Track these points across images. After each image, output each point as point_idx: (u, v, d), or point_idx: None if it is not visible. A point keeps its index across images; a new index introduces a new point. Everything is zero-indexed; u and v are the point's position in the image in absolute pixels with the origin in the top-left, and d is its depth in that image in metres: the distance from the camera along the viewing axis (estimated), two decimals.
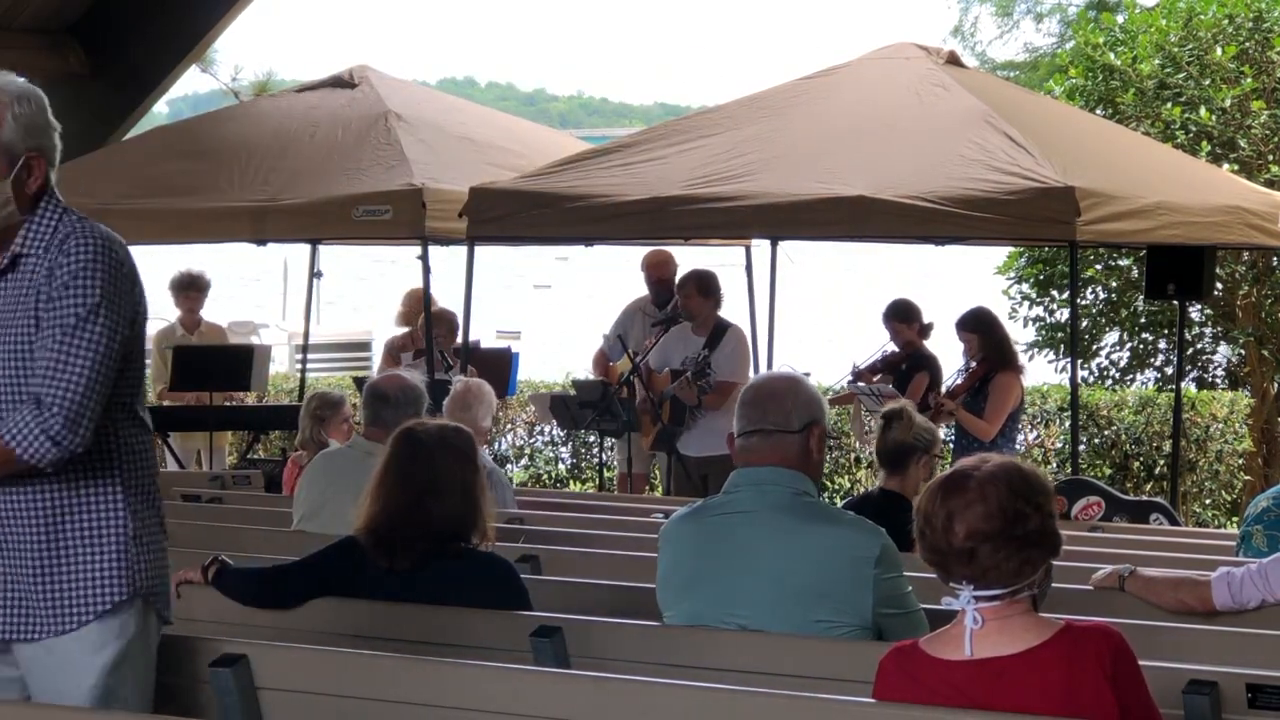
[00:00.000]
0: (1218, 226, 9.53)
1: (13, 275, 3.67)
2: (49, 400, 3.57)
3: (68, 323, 3.59)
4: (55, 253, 3.63)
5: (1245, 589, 4.66)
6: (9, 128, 3.64)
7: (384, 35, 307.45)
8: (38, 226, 3.68)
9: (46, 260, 3.63)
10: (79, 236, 3.62)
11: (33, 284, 3.63)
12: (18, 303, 3.64)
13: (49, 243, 3.66)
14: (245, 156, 10.79)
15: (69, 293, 3.59)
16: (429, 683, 3.96)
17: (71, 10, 12.32)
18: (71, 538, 3.70)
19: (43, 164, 3.69)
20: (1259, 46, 13.59)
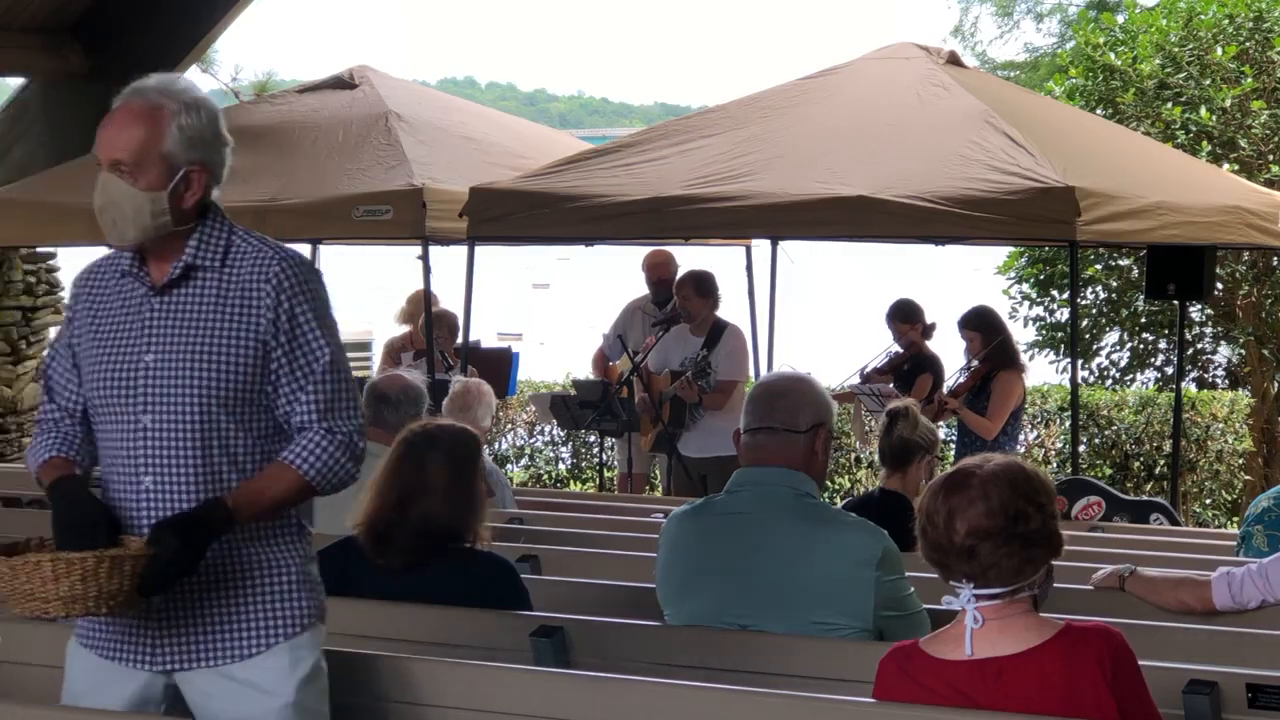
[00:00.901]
0: (1218, 226, 9.52)
1: (186, 287, 3.57)
2: (340, 427, 3.57)
3: (323, 352, 3.58)
4: (253, 269, 3.56)
5: (1245, 589, 4.66)
6: (171, 138, 3.54)
7: (384, 35, 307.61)
8: (207, 238, 3.60)
9: (232, 277, 3.56)
10: (279, 259, 3.58)
11: (218, 298, 3.55)
12: (197, 314, 3.55)
13: (228, 258, 3.58)
14: (245, 156, 10.73)
15: (314, 324, 3.58)
16: (429, 683, 3.96)
17: (71, 10, 12.31)
18: (261, 559, 3.61)
19: (204, 178, 3.59)
20: (1259, 46, 13.59)
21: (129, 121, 3.54)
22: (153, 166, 3.51)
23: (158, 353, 3.53)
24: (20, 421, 12.40)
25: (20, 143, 12.73)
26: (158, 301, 3.57)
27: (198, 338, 3.52)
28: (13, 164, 12.46)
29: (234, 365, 3.52)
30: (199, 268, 3.57)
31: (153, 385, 3.51)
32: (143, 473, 3.52)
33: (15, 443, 12.33)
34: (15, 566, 3.29)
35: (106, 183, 3.55)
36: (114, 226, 3.55)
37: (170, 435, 3.51)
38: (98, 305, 3.66)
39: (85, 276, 3.74)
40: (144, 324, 3.56)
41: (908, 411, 6.33)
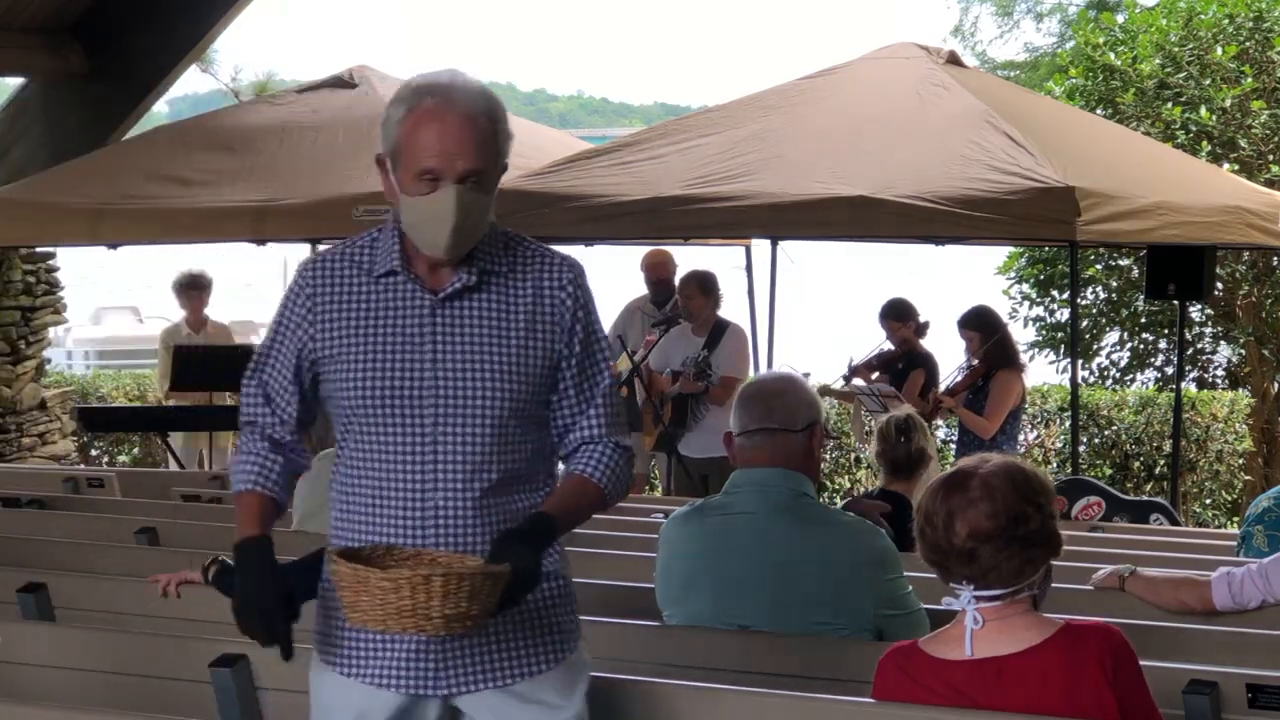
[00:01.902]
0: (1218, 226, 9.53)
1: (476, 294, 3.33)
2: (623, 440, 3.44)
3: (606, 364, 3.45)
4: (543, 277, 3.37)
5: (1245, 589, 4.66)
6: (503, 140, 3.34)
7: (384, 35, 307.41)
8: (491, 241, 3.36)
9: (522, 284, 3.35)
10: (568, 266, 3.40)
11: (509, 306, 3.33)
12: (489, 323, 3.32)
13: (515, 260, 3.37)
14: (245, 156, 10.79)
15: (600, 335, 3.47)
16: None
17: (71, 10, 12.31)
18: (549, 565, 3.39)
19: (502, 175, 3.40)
20: (1259, 46, 13.59)
21: (473, 129, 3.26)
22: (494, 174, 3.31)
23: (446, 366, 3.29)
24: (20, 422, 12.40)
25: (20, 143, 12.74)
26: (442, 310, 3.32)
27: (487, 349, 3.30)
28: (13, 164, 12.46)
29: (529, 377, 3.32)
30: (491, 272, 3.34)
31: (445, 401, 3.28)
32: (430, 489, 3.29)
33: (15, 443, 12.33)
34: (398, 581, 2.99)
35: (460, 195, 3.24)
36: (462, 242, 3.27)
37: (464, 452, 3.28)
38: (348, 307, 3.36)
39: (315, 275, 3.41)
40: (427, 333, 3.31)
41: (919, 422, 6.33)
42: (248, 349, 11.89)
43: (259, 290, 25.09)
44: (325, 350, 3.35)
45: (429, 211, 3.23)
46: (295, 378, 3.38)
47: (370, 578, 3.00)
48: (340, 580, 3.04)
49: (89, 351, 21.93)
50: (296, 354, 3.38)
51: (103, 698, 4.24)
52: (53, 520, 7.10)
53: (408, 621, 3.01)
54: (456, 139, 3.24)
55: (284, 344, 3.41)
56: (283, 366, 3.40)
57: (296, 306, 3.41)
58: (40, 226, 10.79)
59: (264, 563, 3.27)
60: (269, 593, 3.22)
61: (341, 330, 3.34)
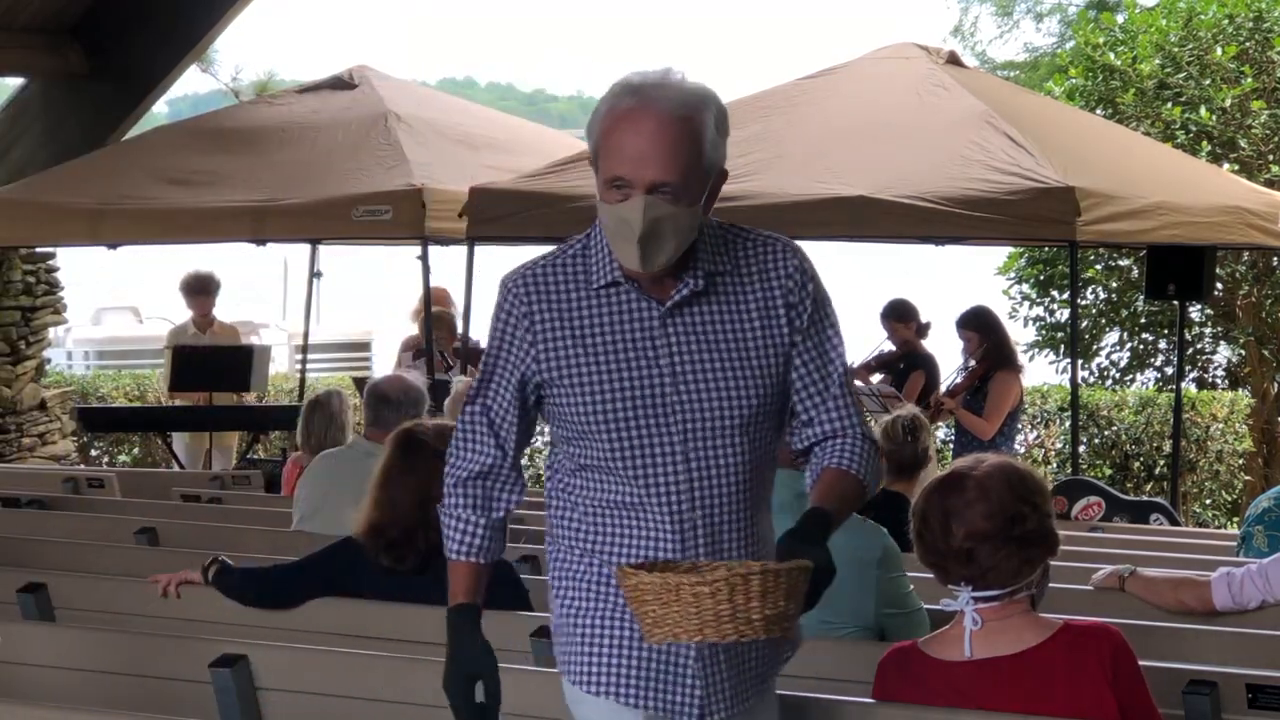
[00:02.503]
0: (1218, 226, 9.53)
1: (703, 299, 3.15)
2: (867, 430, 3.24)
3: (841, 351, 3.23)
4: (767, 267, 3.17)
5: (1245, 589, 4.66)
6: (710, 145, 3.09)
7: (384, 35, 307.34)
8: (712, 241, 3.18)
9: (747, 279, 3.17)
10: (791, 252, 3.20)
11: (738, 306, 3.16)
12: (721, 326, 3.15)
13: (738, 255, 3.18)
14: (245, 156, 10.79)
15: (833, 321, 3.23)
16: (429, 683, 3.95)
17: (71, 10, 12.31)
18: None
19: (722, 181, 3.18)
20: (1259, 46, 13.59)
21: (670, 135, 3.03)
22: (696, 182, 3.06)
23: (689, 376, 3.12)
24: (20, 422, 12.40)
25: (20, 143, 12.74)
26: (672, 319, 3.14)
27: (728, 353, 3.14)
28: (12, 164, 12.46)
29: (766, 376, 3.15)
30: (716, 274, 3.16)
31: (692, 413, 3.11)
32: (689, 507, 3.11)
33: (15, 443, 12.33)
34: (715, 584, 2.81)
35: (649, 207, 3.03)
36: (655, 255, 3.07)
37: (716, 466, 3.12)
38: (570, 323, 3.17)
39: (529, 292, 3.19)
40: (660, 345, 3.13)
41: (924, 422, 6.33)
42: (248, 349, 11.91)
43: (259, 290, 25.10)
44: (551, 372, 3.16)
45: (616, 222, 3.06)
46: (520, 405, 3.20)
47: (683, 585, 2.81)
48: (643, 594, 2.84)
49: (89, 351, 21.91)
50: (520, 379, 3.18)
51: (103, 698, 4.24)
52: (53, 520, 7.11)
53: (727, 627, 2.82)
54: (648, 146, 3.02)
55: (505, 369, 3.20)
56: (506, 393, 3.20)
57: (514, 327, 3.19)
58: (40, 226, 10.79)
59: (469, 631, 3.17)
60: (474, 660, 3.14)
61: (568, 349, 3.15)
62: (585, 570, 3.19)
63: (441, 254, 10.68)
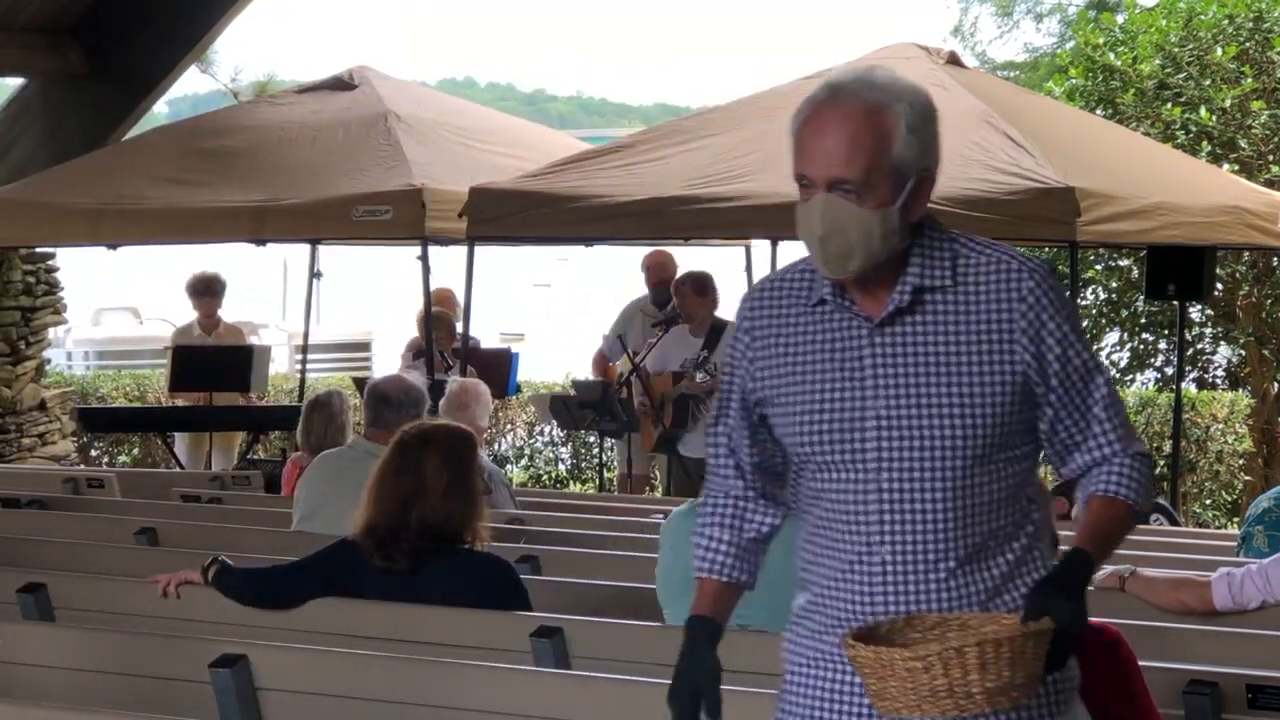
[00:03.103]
0: (1218, 226, 9.52)
1: (914, 316, 2.94)
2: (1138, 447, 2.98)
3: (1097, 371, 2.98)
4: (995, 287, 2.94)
5: (1245, 589, 4.66)
6: (901, 143, 2.91)
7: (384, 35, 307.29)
8: (930, 252, 2.98)
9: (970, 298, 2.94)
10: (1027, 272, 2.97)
11: (956, 326, 2.93)
12: (933, 348, 2.93)
13: (958, 273, 2.96)
14: (245, 156, 10.79)
15: (1078, 343, 2.96)
16: (429, 683, 3.96)
17: (71, 10, 12.31)
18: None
19: (930, 184, 2.98)
20: (1259, 46, 13.59)
21: (850, 130, 2.89)
22: (883, 181, 2.89)
23: (891, 399, 2.92)
24: (20, 422, 12.40)
25: (20, 143, 12.74)
26: (880, 337, 2.96)
27: (939, 378, 2.92)
28: (12, 164, 12.46)
29: (987, 407, 2.91)
30: (927, 289, 2.95)
31: (888, 440, 2.92)
32: (877, 543, 2.91)
33: (15, 443, 12.32)
34: (928, 659, 2.65)
35: (828, 206, 2.89)
36: (838, 257, 2.90)
37: (914, 498, 2.90)
38: (784, 341, 3.04)
39: (755, 308, 3.10)
40: (867, 365, 2.95)
41: None
42: (248, 349, 11.92)
43: (259, 290, 25.11)
44: (766, 391, 3.04)
45: (802, 223, 2.92)
46: (748, 423, 3.09)
47: (895, 659, 2.66)
48: (862, 666, 2.72)
49: (89, 352, 21.92)
50: (743, 398, 3.09)
51: (103, 698, 4.24)
52: (53, 520, 7.11)
53: (946, 704, 2.66)
54: (827, 141, 2.88)
55: (733, 388, 3.11)
56: (737, 413, 3.10)
57: (738, 345, 3.12)
58: (40, 226, 10.79)
59: (701, 644, 3.04)
60: (697, 676, 3.00)
61: (780, 368, 3.03)
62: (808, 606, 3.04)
63: (441, 254, 10.67)
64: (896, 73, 3.00)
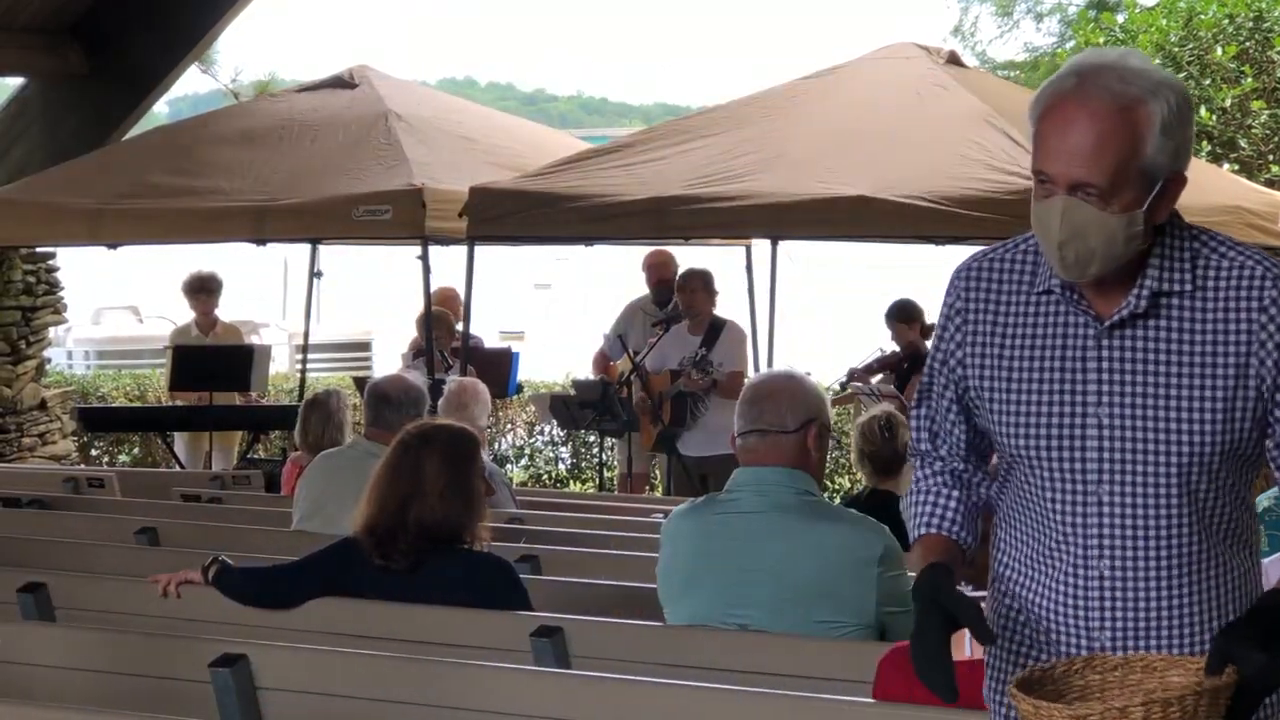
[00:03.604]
0: (1218, 226, 9.47)
1: (1149, 321, 2.74)
2: None
3: None
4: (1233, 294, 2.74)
5: None
6: (1154, 145, 2.68)
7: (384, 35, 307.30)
8: (1171, 254, 2.80)
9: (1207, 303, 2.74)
10: (1272, 279, 2.74)
11: (1191, 334, 2.73)
12: (1166, 356, 2.73)
13: (1197, 277, 2.78)
14: (245, 156, 10.79)
15: None
16: (429, 683, 3.96)
17: (71, 10, 12.31)
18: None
19: (1180, 187, 2.81)
20: (1259, 46, 13.60)
21: (1098, 129, 2.64)
22: (1130, 184, 2.69)
23: (1118, 407, 2.72)
24: (20, 422, 12.40)
25: (20, 143, 12.74)
26: (1109, 340, 2.75)
27: (1171, 388, 2.71)
28: (12, 164, 12.46)
29: (1218, 420, 2.70)
30: (1166, 294, 2.75)
31: (1111, 449, 2.72)
32: (1095, 557, 2.73)
33: (15, 443, 12.33)
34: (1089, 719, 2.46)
35: (1069, 210, 2.67)
36: (1077, 263, 2.69)
37: (1136, 512, 2.72)
38: (1002, 329, 2.83)
39: (969, 286, 2.87)
40: (1092, 368, 2.75)
41: (899, 419, 6.33)
42: (248, 349, 11.92)
43: (259, 290, 25.12)
44: (978, 380, 2.83)
45: (1038, 221, 2.72)
46: (959, 407, 2.89)
47: (1055, 716, 2.48)
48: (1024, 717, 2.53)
49: (89, 351, 21.92)
50: (954, 382, 2.87)
51: (103, 698, 4.24)
52: (53, 520, 7.11)
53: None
54: (1071, 139, 2.65)
55: (942, 370, 2.89)
56: (943, 395, 2.90)
57: (949, 325, 2.88)
58: (40, 226, 10.79)
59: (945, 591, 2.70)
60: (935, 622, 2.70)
61: (995, 358, 2.82)
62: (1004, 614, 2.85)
63: (441, 254, 10.67)
64: (1152, 62, 2.71)
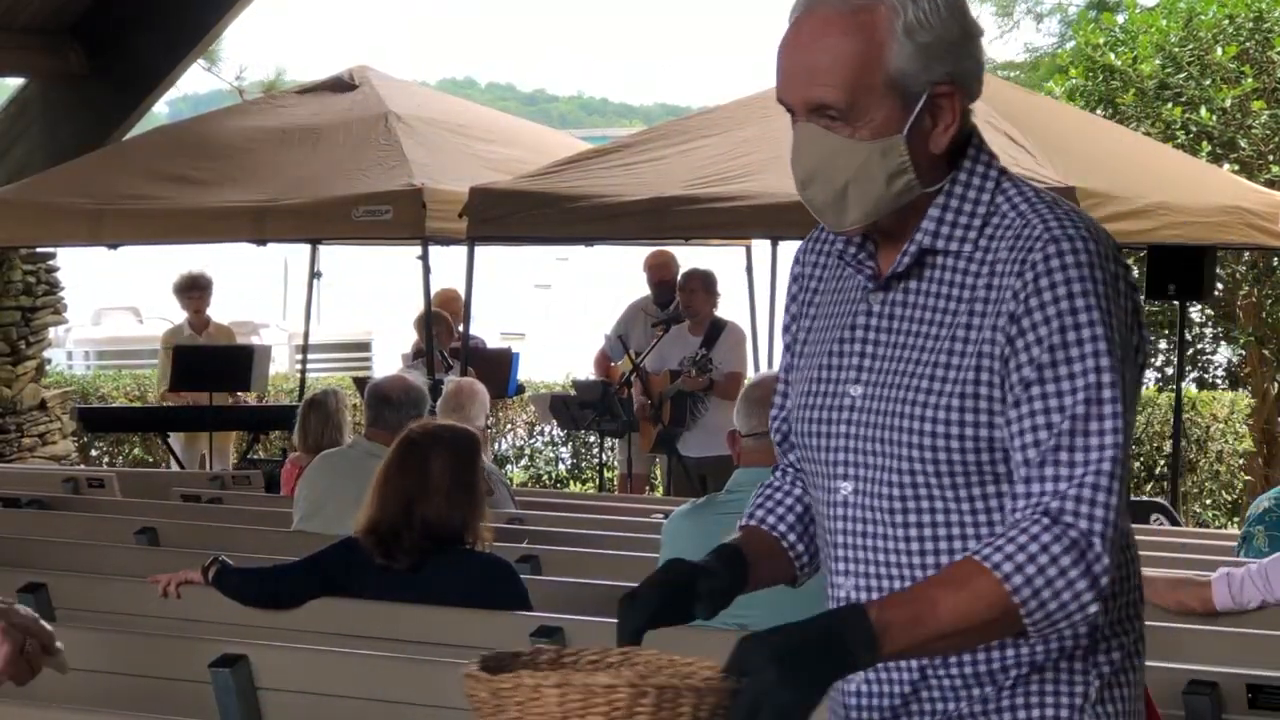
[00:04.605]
0: (1218, 227, 9.53)
1: (919, 281, 2.24)
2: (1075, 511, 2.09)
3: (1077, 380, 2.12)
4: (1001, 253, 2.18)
5: (1245, 589, 4.66)
6: (898, 50, 2.16)
7: (384, 35, 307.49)
8: (959, 202, 2.23)
9: (984, 264, 2.20)
10: (1045, 240, 2.16)
11: (957, 300, 2.21)
12: (921, 325, 2.23)
13: (984, 230, 2.21)
14: (246, 156, 10.79)
15: (1075, 337, 2.12)
16: (429, 683, 3.95)
17: (71, 10, 12.31)
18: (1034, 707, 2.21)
19: (957, 100, 2.21)
20: (1259, 46, 13.59)
21: (825, 39, 2.17)
22: (877, 101, 2.17)
23: (867, 384, 2.25)
24: (20, 422, 12.40)
25: (20, 143, 12.74)
26: (877, 303, 2.28)
27: (914, 364, 2.21)
28: (12, 164, 12.46)
29: (948, 405, 2.18)
30: (939, 252, 2.23)
31: (855, 436, 2.25)
32: (839, 570, 2.28)
33: (15, 443, 12.33)
34: (500, 693, 2.03)
35: (806, 138, 2.21)
36: (831, 206, 2.23)
37: (870, 514, 2.24)
38: (814, 299, 2.40)
39: (804, 255, 2.43)
40: (859, 335, 2.28)
41: None
42: (248, 349, 11.92)
43: (259, 290, 25.11)
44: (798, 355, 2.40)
45: (793, 166, 2.26)
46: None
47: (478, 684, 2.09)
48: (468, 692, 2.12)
49: (89, 351, 21.94)
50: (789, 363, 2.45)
51: (103, 698, 4.24)
52: (53, 520, 7.11)
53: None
54: (801, 55, 2.19)
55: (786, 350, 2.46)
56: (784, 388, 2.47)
57: (788, 309, 2.45)
58: (40, 226, 10.80)
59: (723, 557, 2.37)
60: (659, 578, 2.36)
61: (801, 332, 2.41)
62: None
63: (441, 254, 10.68)
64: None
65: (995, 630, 2.09)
